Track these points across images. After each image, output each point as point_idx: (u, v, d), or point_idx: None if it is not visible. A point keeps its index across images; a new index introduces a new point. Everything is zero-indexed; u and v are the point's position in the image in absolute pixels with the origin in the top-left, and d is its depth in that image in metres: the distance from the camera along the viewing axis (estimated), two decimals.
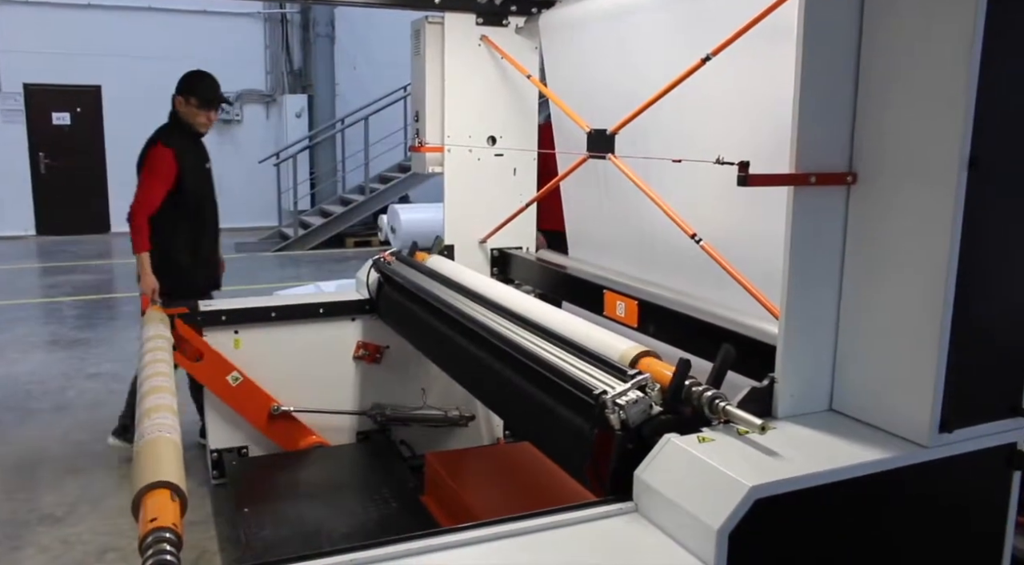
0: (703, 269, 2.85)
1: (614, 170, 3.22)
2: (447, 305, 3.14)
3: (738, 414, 1.87)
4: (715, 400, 1.94)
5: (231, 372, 3.83)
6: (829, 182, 1.91)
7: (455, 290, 3.29)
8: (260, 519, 3.23)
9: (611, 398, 1.99)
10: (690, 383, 2.03)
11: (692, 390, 2.02)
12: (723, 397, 1.94)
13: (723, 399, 1.93)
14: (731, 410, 1.90)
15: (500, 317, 2.86)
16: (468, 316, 2.97)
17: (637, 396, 2.00)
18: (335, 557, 1.62)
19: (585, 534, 1.75)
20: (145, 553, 1.54)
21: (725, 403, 1.92)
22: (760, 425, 1.80)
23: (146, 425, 2.09)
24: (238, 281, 9.78)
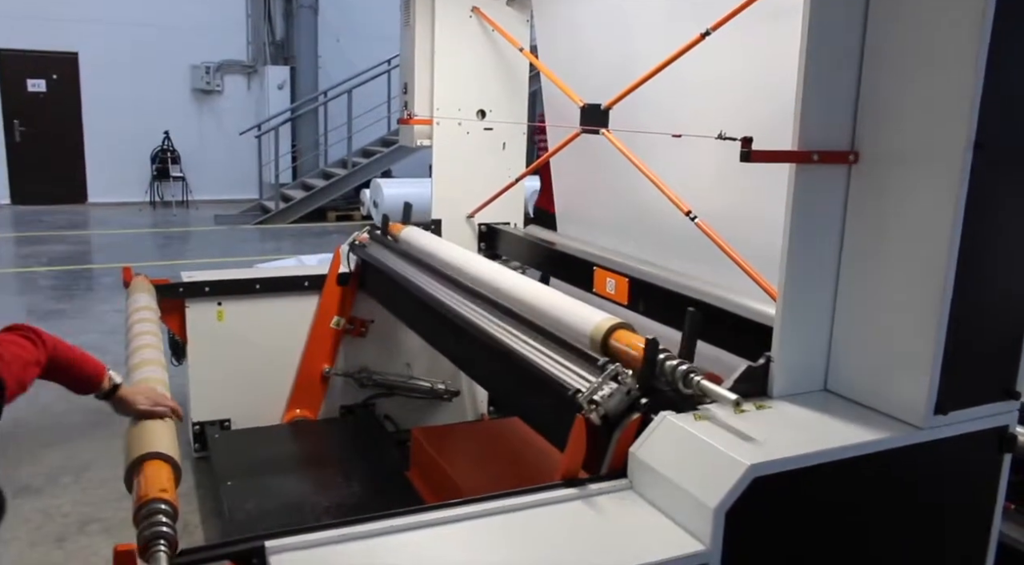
0: (697, 248, 2.83)
1: (607, 146, 3.18)
2: (425, 282, 3.12)
3: (712, 388, 1.84)
4: (689, 375, 1.90)
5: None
6: (831, 160, 1.89)
7: (431, 266, 3.27)
8: (243, 492, 3.21)
9: (586, 397, 1.92)
10: (664, 357, 1.98)
11: (665, 365, 1.96)
12: (697, 371, 1.90)
13: (697, 373, 1.89)
14: (705, 384, 1.85)
15: (476, 296, 2.84)
16: (446, 294, 2.95)
17: (611, 388, 1.93)
18: (321, 532, 1.59)
19: (577, 511, 1.73)
20: (140, 524, 1.51)
21: (699, 377, 1.88)
22: (735, 400, 1.77)
23: None
24: (218, 254, 9.70)
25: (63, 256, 9.48)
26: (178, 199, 13.95)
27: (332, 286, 3.90)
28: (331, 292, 3.90)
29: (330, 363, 3.93)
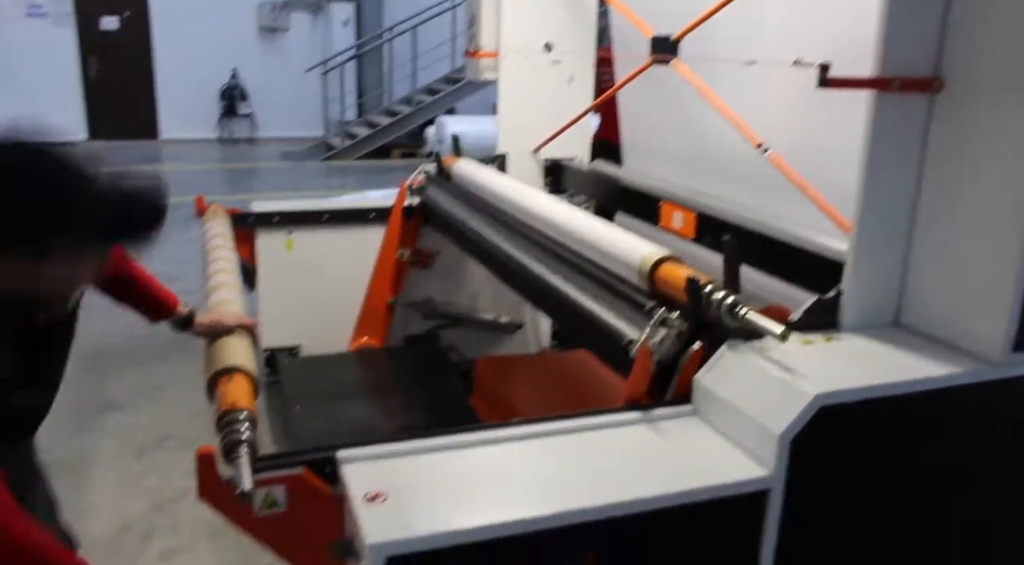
0: (767, 183, 2.77)
1: (677, 78, 3.12)
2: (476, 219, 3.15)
3: (758, 320, 1.76)
4: (735, 307, 1.82)
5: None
6: (913, 88, 1.83)
7: (482, 199, 3.29)
8: (311, 415, 3.31)
9: (638, 348, 1.92)
10: (709, 290, 1.89)
11: (711, 299, 1.88)
12: (742, 303, 1.83)
13: (742, 305, 1.82)
14: (751, 317, 1.79)
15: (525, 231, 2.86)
16: (496, 230, 3.00)
17: (662, 335, 1.92)
18: (390, 445, 1.65)
19: (641, 434, 1.75)
20: (222, 431, 1.58)
21: (745, 310, 1.81)
22: (780, 333, 1.71)
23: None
24: (285, 189, 9.86)
25: None
26: (246, 136, 14.16)
27: (397, 218, 3.93)
28: (397, 224, 3.94)
29: (395, 294, 3.99)
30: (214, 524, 3.01)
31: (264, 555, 2.83)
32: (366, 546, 1.36)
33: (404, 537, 1.38)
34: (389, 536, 1.37)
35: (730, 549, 1.65)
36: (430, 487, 1.53)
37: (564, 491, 1.53)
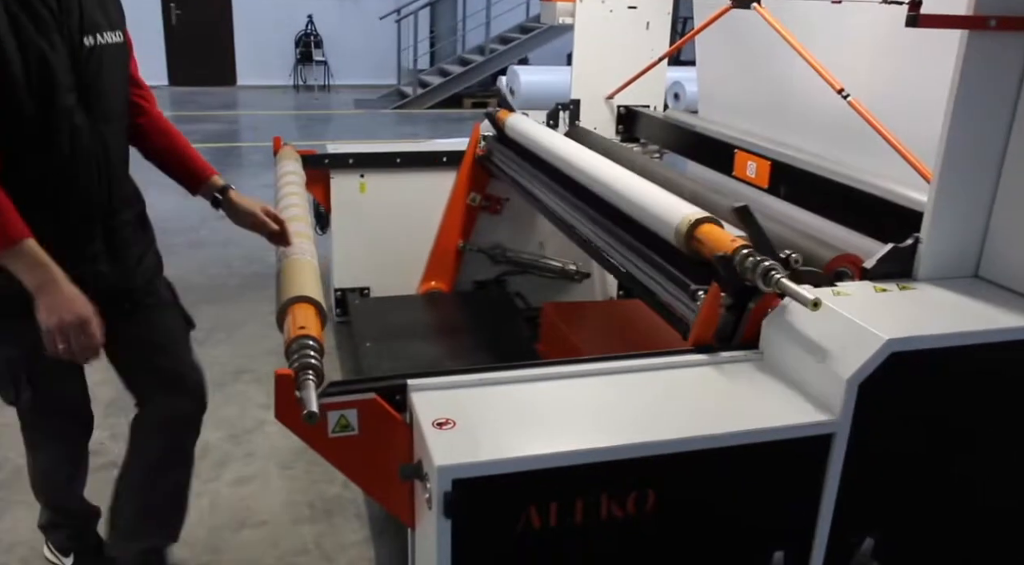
0: (845, 133, 2.71)
1: (756, 23, 3.04)
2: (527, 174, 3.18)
3: (792, 287, 1.67)
4: (769, 272, 1.74)
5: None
6: (1011, 27, 1.75)
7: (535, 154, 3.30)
8: (380, 354, 3.40)
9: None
10: (745, 254, 1.82)
11: (745, 264, 1.80)
12: (777, 268, 1.74)
13: (777, 270, 1.73)
14: (785, 283, 1.69)
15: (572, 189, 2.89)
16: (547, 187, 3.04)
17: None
18: (458, 376, 1.69)
19: (706, 375, 1.75)
20: (291, 356, 1.64)
21: (779, 275, 1.73)
22: (813, 301, 1.62)
23: (288, 248, 2.20)
24: (357, 136, 9.98)
25: (215, 134, 9.98)
26: (320, 83, 14.31)
27: (469, 163, 3.96)
28: (467, 169, 3.96)
29: (465, 238, 4.04)
30: (285, 455, 3.16)
31: (330, 486, 2.99)
32: (435, 468, 1.41)
33: (471, 461, 1.42)
34: (456, 459, 1.42)
35: (791, 492, 1.66)
36: (496, 417, 1.57)
37: (627, 425, 1.55)
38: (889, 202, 2.30)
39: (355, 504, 2.93)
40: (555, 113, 4.00)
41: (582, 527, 1.52)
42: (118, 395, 3.60)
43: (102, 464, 3.10)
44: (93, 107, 1.91)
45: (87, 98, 1.89)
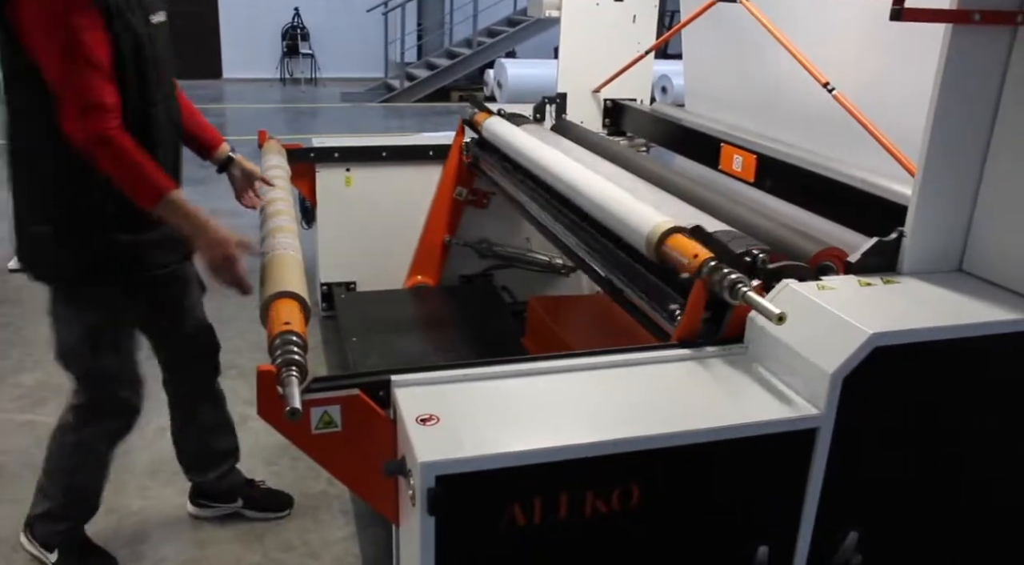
0: (831, 127, 2.71)
1: (742, 17, 3.04)
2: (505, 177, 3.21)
3: (758, 301, 1.67)
4: (736, 286, 1.74)
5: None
6: (995, 21, 1.75)
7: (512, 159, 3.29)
8: (366, 348, 3.38)
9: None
10: (712, 268, 1.82)
11: (713, 278, 1.80)
12: (744, 281, 1.74)
13: (744, 283, 1.73)
14: (751, 296, 1.69)
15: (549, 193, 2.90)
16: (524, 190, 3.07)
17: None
18: (442, 371, 1.68)
19: (691, 369, 1.75)
20: (274, 352, 1.63)
21: (746, 289, 1.72)
22: (779, 315, 1.62)
23: (272, 242, 2.18)
24: (344, 130, 9.92)
25: None
26: (307, 76, 14.24)
27: (455, 157, 3.94)
28: (454, 163, 3.95)
29: (451, 232, 4.02)
30: (270, 451, 3.14)
31: (315, 482, 2.97)
32: (418, 465, 1.40)
33: (454, 457, 1.41)
34: (440, 455, 1.41)
35: (775, 487, 1.66)
36: (480, 412, 1.56)
37: (611, 421, 1.55)
38: (874, 196, 2.30)
39: (340, 500, 2.92)
40: (542, 107, 3.99)
41: (566, 523, 1.51)
42: None
43: None
44: (164, 81, 2.16)
45: (159, 73, 2.12)
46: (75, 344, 2.23)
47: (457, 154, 3.93)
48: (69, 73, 1.89)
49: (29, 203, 2.11)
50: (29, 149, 2.06)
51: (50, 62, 1.90)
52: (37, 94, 1.94)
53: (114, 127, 1.92)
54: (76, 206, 2.07)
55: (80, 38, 1.88)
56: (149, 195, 1.98)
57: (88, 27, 1.89)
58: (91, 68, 1.90)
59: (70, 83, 1.90)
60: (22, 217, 2.13)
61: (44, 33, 1.89)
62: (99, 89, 1.91)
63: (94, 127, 1.90)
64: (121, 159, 1.94)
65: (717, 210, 2.44)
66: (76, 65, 1.88)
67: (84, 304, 2.18)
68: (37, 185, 2.09)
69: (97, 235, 2.09)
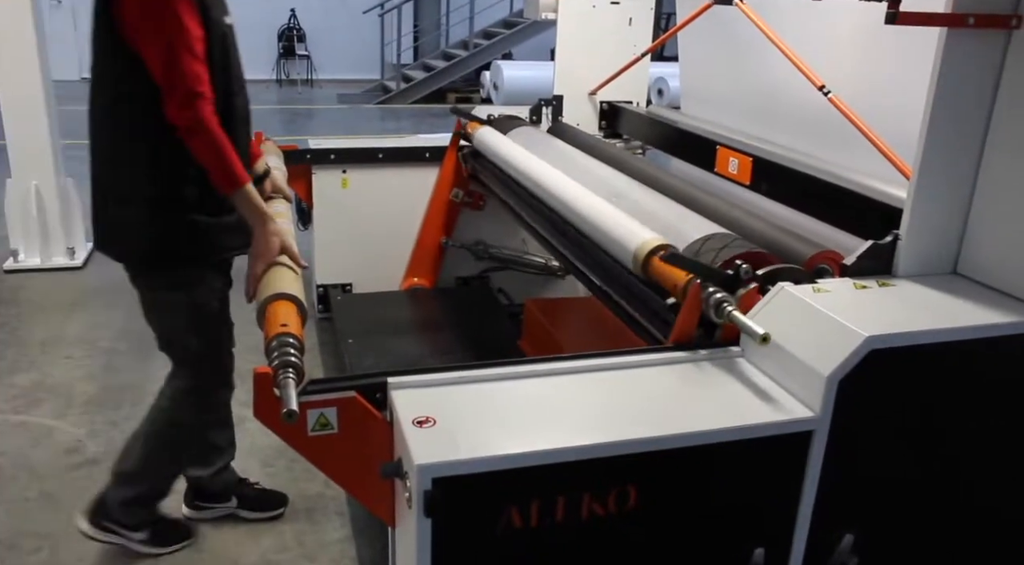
0: (826, 129, 2.72)
1: (737, 20, 3.04)
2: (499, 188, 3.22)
3: (742, 320, 1.70)
4: (721, 305, 1.77)
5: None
6: (989, 25, 1.76)
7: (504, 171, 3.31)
8: (363, 350, 3.38)
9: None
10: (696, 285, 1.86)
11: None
12: (729, 300, 1.78)
13: (729, 302, 1.77)
14: (736, 315, 1.73)
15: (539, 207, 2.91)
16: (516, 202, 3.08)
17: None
18: (439, 373, 1.68)
19: (686, 372, 1.76)
20: (271, 354, 1.63)
21: (731, 308, 1.76)
22: (762, 335, 1.64)
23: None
24: (340, 131, 9.93)
25: None
26: (303, 77, 14.23)
27: (451, 159, 3.94)
28: (450, 165, 3.95)
29: (448, 234, 4.03)
30: (266, 453, 3.14)
31: (312, 484, 2.97)
32: (414, 467, 1.40)
33: (450, 459, 1.41)
34: (436, 458, 1.41)
35: (771, 489, 1.66)
36: (477, 415, 1.56)
37: (608, 423, 1.55)
38: (869, 199, 2.30)
39: (336, 502, 2.92)
40: (538, 109, 3.99)
41: (563, 525, 1.51)
42: (97, 393, 3.58)
43: (79, 463, 3.07)
44: (240, 75, 2.32)
45: (238, 66, 2.30)
46: (182, 329, 2.36)
47: (453, 156, 3.93)
48: (174, 62, 2.01)
49: (119, 186, 2.23)
50: (130, 135, 2.18)
51: (155, 52, 2.03)
52: (138, 84, 2.06)
53: (209, 113, 2.05)
54: (167, 189, 2.19)
55: (184, 29, 2.02)
56: (231, 181, 2.10)
57: (189, 19, 2.03)
58: (193, 57, 2.03)
59: (175, 72, 2.02)
60: (109, 200, 2.25)
61: (150, 24, 2.02)
62: (201, 77, 2.04)
63: (196, 114, 2.03)
64: (214, 145, 2.06)
65: (713, 213, 2.45)
66: (180, 55, 2.01)
67: (186, 288, 2.29)
68: (129, 169, 2.20)
69: (183, 216, 2.21)
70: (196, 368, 2.43)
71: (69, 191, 5.09)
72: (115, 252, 2.30)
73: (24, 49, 4.69)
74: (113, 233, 2.28)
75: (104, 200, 2.27)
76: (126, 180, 2.21)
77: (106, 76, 2.18)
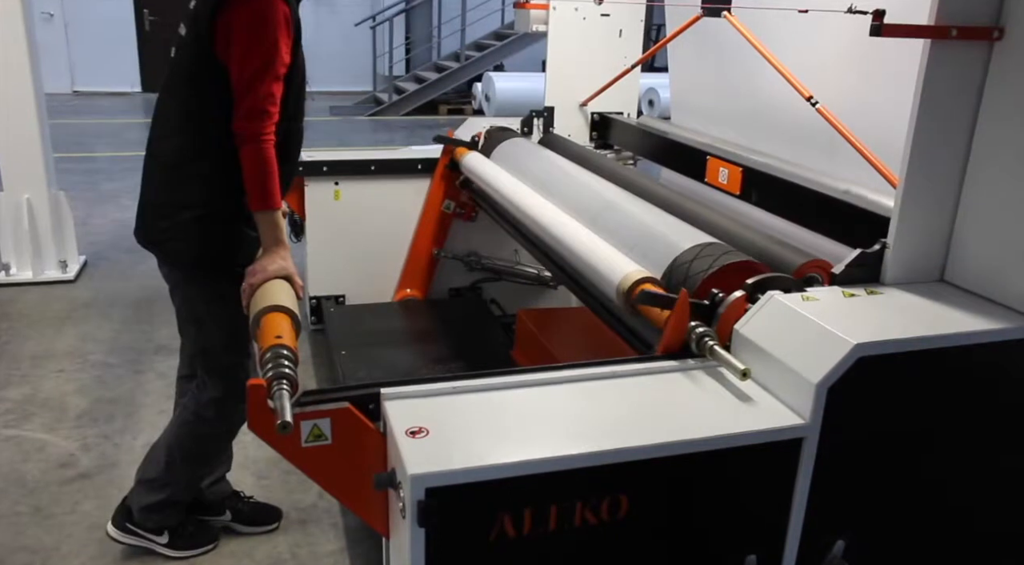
0: (815, 139, 2.75)
1: (727, 31, 3.08)
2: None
3: (723, 354, 1.75)
4: (703, 338, 1.81)
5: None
6: (971, 36, 1.78)
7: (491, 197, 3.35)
8: (356, 361, 3.39)
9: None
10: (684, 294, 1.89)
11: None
12: (712, 336, 1.81)
13: (712, 337, 1.81)
14: (717, 350, 1.77)
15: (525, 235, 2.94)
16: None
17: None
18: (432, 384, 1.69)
19: (677, 381, 1.77)
20: (265, 366, 1.64)
21: (712, 342, 1.79)
22: (743, 370, 1.68)
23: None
24: (333, 144, 9.95)
25: None
26: None
27: (443, 170, 3.96)
28: (442, 176, 3.97)
29: (440, 245, 4.04)
30: (260, 465, 3.14)
31: (306, 495, 2.97)
32: (408, 477, 1.41)
33: (444, 469, 1.42)
34: (429, 468, 1.42)
35: (762, 496, 1.67)
36: (469, 425, 1.57)
37: (600, 432, 1.56)
38: (857, 208, 2.33)
39: (331, 513, 2.91)
40: (529, 120, 4.02)
41: (556, 534, 1.52)
42: (89, 406, 3.57)
43: (71, 477, 3.07)
44: (303, 108, 2.43)
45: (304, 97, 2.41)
46: (218, 342, 2.43)
47: (445, 167, 3.95)
48: (259, 80, 2.12)
49: (180, 192, 2.30)
50: (200, 145, 2.26)
51: (244, 67, 2.12)
52: (215, 95, 2.16)
53: (271, 132, 2.15)
54: (225, 199, 2.27)
55: (279, 52, 2.14)
56: (266, 200, 2.18)
57: (285, 45, 2.15)
58: (275, 79, 2.14)
59: (256, 88, 2.12)
60: (169, 204, 2.32)
61: (250, 40, 2.11)
62: (275, 99, 2.15)
63: (258, 128, 2.12)
64: (262, 160, 2.15)
65: (704, 223, 2.47)
66: (267, 75, 2.12)
67: (228, 303, 2.30)
68: (195, 178, 2.28)
69: (234, 227, 2.30)
70: (227, 379, 2.46)
71: (61, 204, 5.08)
72: (168, 252, 2.38)
73: (16, 62, 4.70)
74: (169, 234, 2.34)
75: (164, 204, 2.34)
76: (189, 188, 2.29)
77: (185, 86, 2.27)
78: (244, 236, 2.32)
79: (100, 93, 13.34)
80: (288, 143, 2.32)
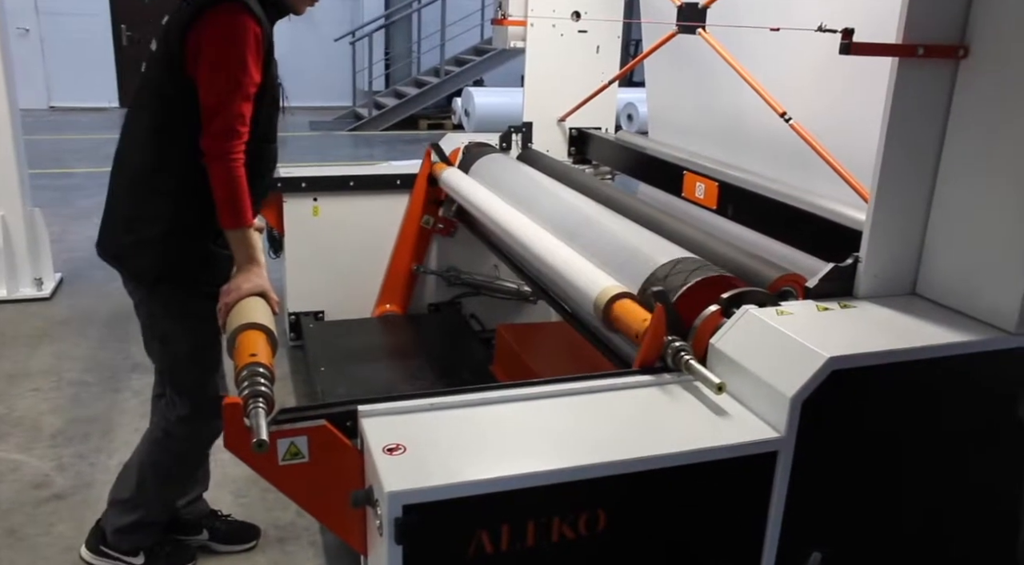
0: (790, 154, 2.78)
1: (702, 48, 3.11)
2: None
3: (699, 369, 1.77)
4: (679, 353, 1.83)
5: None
6: (938, 54, 1.82)
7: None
8: (335, 377, 3.37)
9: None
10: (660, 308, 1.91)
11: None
12: (687, 350, 1.83)
13: (687, 352, 1.83)
14: (693, 365, 1.79)
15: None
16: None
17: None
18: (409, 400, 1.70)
19: (653, 396, 1.78)
20: (241, 384, 1.63)
21: (688, 357, 1.81)
22: (718, 385, 1.70)
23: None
24: (313, 159, 9.94)
25: None
26: None
27: (422, 186, 3.97)
28: (421, 192, 3.97)
29: (419, 261, 4.04)
30: (238, 483, 3.11)
31: (284, 513, 2.95)
32: (385, 494, 1.41)
33: (421, 486, 1.42)
34: (407, 485, 1.42)
35: (738, 510, 1.68)
36: (447, 441, 1.57)
37: (576, 448, 1.57)
38: (831, 222, 2.36)
39: (309, 531, 2.89)
40: (508, 136, 4.04)
41: (534, 550, 1.53)
42: (65, 425, 3.53)
43: (46, 497, 3.03)
44: (276, 127, 2.40)
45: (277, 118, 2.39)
46: (184, 358, 2.41)
47: (424, 183, 3.96)
48: (228, 99, 2.10)
49: (146, 208, 2.28)
50: (166, 161, 2.25)
51: (212, 85, 2.12)
52: (183, 112, 2.14)
53: (240, 152, 2.13)
54: (192, 217, 2.25)
55: (249, 72, 2.12)
56: (236, 218, 2.17)
57: (255, 65, 2.14)
58: (244, 99, 2.13)
59: (225, 108, 2.10)
60: (134, 219, 2.30)
61: (217, 58, 2.11)
62: (244, 118, 2.13)
63: (227, 147, 2.11)
64: (232, 178, 2.13)
65: (680, 237, 2.49)
66: (237, 94, 2.11)
67: (193, 319, 2.33)
68: (161, 194, 2.26)
69: (202, 245, 2.28)
70: (195, 397, 2.44)
71: (36, 221, 5.04)
72: (131, 268, 2.36)
73: None
74: (133, 250, 2.32)
75: (129, 219, 2.32)
76: (154, 203, 2.27)
77: (154, 101, 2.26)
78: (212, 254, 2.30)
79: (77, 109, 13.25)
80: (259, 162, 2.30)
